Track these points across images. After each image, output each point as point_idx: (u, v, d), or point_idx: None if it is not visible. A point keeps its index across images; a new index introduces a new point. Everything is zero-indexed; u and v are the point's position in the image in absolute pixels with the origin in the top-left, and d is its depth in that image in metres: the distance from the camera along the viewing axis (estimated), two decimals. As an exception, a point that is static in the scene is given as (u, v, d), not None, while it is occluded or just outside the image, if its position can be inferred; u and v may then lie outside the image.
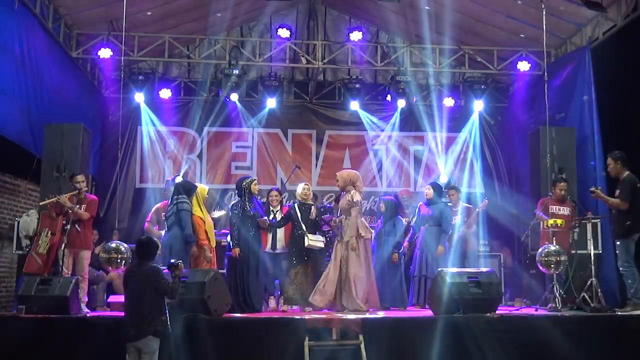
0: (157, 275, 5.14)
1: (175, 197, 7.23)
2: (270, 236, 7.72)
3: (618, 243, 7.05)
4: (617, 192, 7.06)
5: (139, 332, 5.03)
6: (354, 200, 7.40)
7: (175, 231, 7.06)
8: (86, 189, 7.58)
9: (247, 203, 7.50)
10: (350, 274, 7.25)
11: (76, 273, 7.18)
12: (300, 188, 7.89)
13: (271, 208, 7.85)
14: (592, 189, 7.20)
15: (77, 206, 7.24)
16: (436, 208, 8.12)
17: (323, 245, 7.63)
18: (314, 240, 7.50)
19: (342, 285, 7.27)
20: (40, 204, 7.63)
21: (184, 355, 5.74)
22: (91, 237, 7.63)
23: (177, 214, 7.08)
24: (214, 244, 7.51)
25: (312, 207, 7.76)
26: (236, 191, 7.86)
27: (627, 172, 7.07)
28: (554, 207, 7.88)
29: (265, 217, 7.55)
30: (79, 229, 7.25)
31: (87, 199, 7.46)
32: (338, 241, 7.50)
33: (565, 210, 7.82)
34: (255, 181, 7.67)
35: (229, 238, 7.67)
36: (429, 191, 8.25)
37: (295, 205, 7.80)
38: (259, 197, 7.93)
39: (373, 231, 7.94)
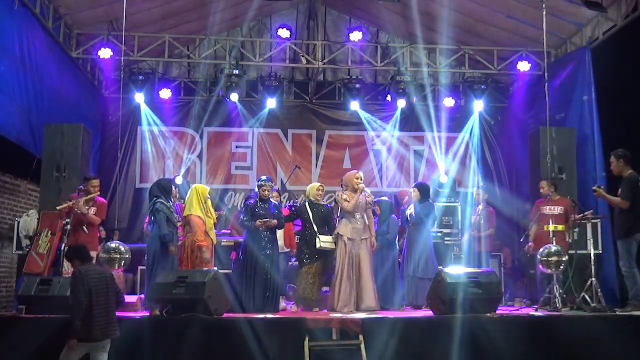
0: (114, 279, 5.31)
1: (152, 199, 7.09)
2: None
3: (620, 243, 7.03)
4: (619, 190, 7.06)
5: (112, 332, 5.11)
6: (373, 200, 7.65)
7: (154, 232, 6.96)
8: (98, 192, 7.55)
9: (258, 203, 7.43)
10: (366, 273, 7.29)
11: None
12: (314, 188, 7.79)
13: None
14: (595, 187, 7.19)
15: (89, 209, 7.26)
16: (422, 207, 8.05)
17: (334, 247, 7.46)
18: (325, 242, 7.44)
19: (356, 285, 7.30)
20: (57, 208, 7.58)
21: (184, 355, 5.75)
22: (97, 237, 7.60)
23: (153, 215, 6.99)
24: (215, 242, 7.48)
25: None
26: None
27: (629, 171, 7.02)
28: (545, 207, 7.92)
29: (267, 219, 7.41)
30: (86, 230, 7.24)
31: (97, 202, 7.49)
32: (349, 240, 7.37)
33: (556, 210, 7.83)
34: (264, 187, 7.46)
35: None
36: (415, 193, 8.14)
37: (307, 204, 7.73)
38: (279, 198, 7.88)
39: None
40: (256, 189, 7.60)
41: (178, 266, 6.95)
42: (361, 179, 7.52)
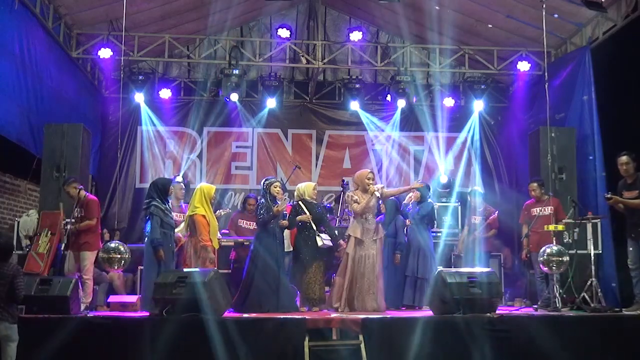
0: (18, 278, 5.35)
1: (147, 200, 7.02)
2: None
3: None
4: (628, 192, 7.04)
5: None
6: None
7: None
8: (77, 195, 7.37)
9: (270, 203, 7.35)
10: (377, 274, 7.25)
11: (79, 272, 7.16)
12: (311, 188, 7.70)
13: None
14: (607, 195, 7.10)
15: (78, 209, 7.20)
16: (420, 208, 8.06)
17: (332, 244, 7.48)
18: (326, 241, 7.41)
19: (361, 286, 7.25)
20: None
21: (184, 355, 5.75)
22: (97, 236, 7.52)
23: (148, 218, 6.93)
24: (216, 245, 7.45)
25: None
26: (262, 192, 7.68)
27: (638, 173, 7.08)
28: (535, 209, 7.96)
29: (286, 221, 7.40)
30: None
31: (87, 200, 7.42)
32: (359, 241, 7.30)
33: (546, 210, 7.85)
34: (274, 183, 7.45)
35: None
36: (415, 193, 8.14)
37: (301, 203, 7.62)
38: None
39: None
40: (263, 190, 7.52)
41: (171, 267, 6.92)
42: (373, 179, 7.39)
